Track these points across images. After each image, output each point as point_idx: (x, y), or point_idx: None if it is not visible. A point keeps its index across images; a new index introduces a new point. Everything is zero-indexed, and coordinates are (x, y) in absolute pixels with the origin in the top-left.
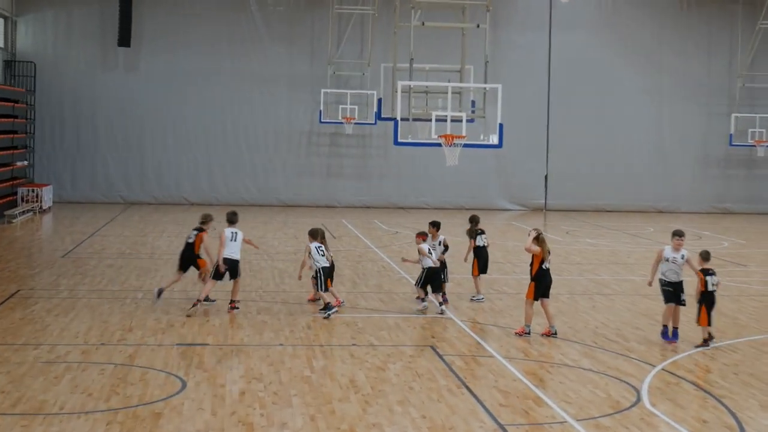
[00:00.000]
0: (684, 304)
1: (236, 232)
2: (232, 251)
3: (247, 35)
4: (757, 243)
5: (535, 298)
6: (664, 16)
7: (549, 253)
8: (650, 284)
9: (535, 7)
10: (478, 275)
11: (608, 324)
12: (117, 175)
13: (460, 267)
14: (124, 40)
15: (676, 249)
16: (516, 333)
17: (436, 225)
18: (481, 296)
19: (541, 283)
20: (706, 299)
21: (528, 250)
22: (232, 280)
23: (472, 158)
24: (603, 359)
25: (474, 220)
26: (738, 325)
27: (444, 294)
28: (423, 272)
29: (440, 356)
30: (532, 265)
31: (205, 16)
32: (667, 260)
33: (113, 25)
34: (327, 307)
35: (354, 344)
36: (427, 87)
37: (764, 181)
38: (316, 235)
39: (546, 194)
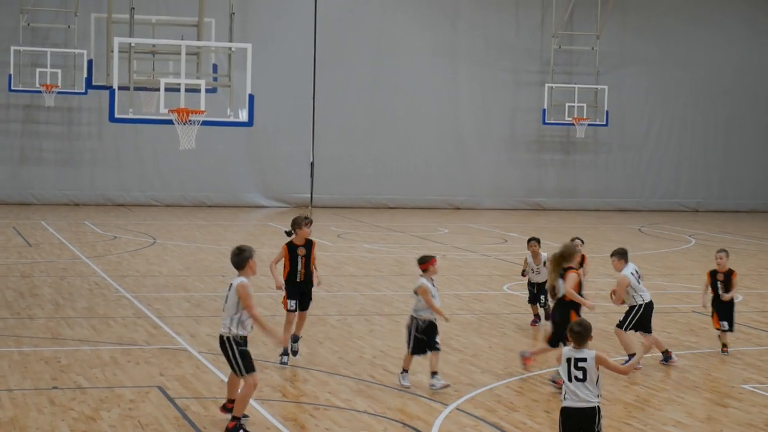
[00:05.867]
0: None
1: None
2: None
3: None
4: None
5: None
6: None
7: None
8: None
9: None
10: None
11: (390, 353)
12: None
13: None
14: None
15: None
16: None
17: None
18: None
19: None
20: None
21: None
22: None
23: (214, 140)
24: (382, 398)
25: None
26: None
27: None
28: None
29: (171, 400)
30: None
31: None
32: None
33: None
34: None
35: (56, 387)
36: (153, 46)
37: (584, 170)
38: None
39: (312, 186)
